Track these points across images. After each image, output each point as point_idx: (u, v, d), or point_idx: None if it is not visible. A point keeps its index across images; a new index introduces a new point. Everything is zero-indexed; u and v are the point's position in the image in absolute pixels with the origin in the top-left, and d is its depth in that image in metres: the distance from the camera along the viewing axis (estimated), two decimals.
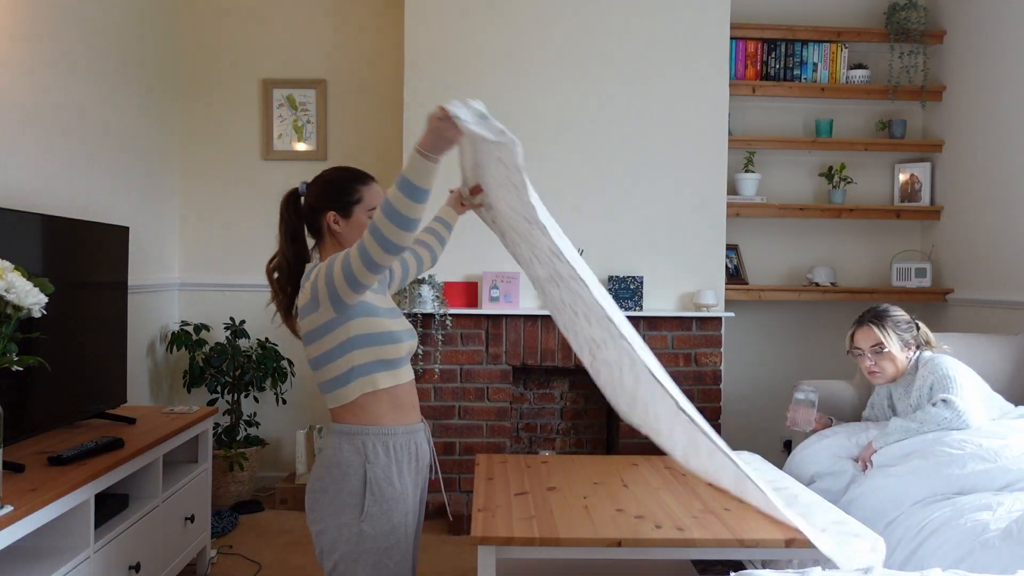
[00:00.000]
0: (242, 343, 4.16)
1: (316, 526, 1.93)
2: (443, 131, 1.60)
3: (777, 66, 4.36)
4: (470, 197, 2.19)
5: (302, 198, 2.05)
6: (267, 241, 4.61)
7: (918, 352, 2.93)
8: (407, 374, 2.02)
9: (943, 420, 2.65)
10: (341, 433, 1.93)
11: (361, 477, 1.89)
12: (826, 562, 1.94)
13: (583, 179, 4.00)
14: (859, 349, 2.96)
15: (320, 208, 2.01)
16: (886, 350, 2.88)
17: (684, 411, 1.84)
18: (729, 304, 4.13)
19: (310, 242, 2.06)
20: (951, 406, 2.67)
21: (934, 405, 2.71)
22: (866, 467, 2.77)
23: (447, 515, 3.77)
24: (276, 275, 2.04)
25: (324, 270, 1.84)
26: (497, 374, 3.94)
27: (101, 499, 2.29)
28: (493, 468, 2.82)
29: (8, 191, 2.73)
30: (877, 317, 2.94)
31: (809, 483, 2.86)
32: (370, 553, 1.86)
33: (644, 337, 3.92)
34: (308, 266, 2.00)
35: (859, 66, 4.39)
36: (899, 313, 2.96)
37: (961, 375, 2.78)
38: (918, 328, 2.97)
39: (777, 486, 2.35)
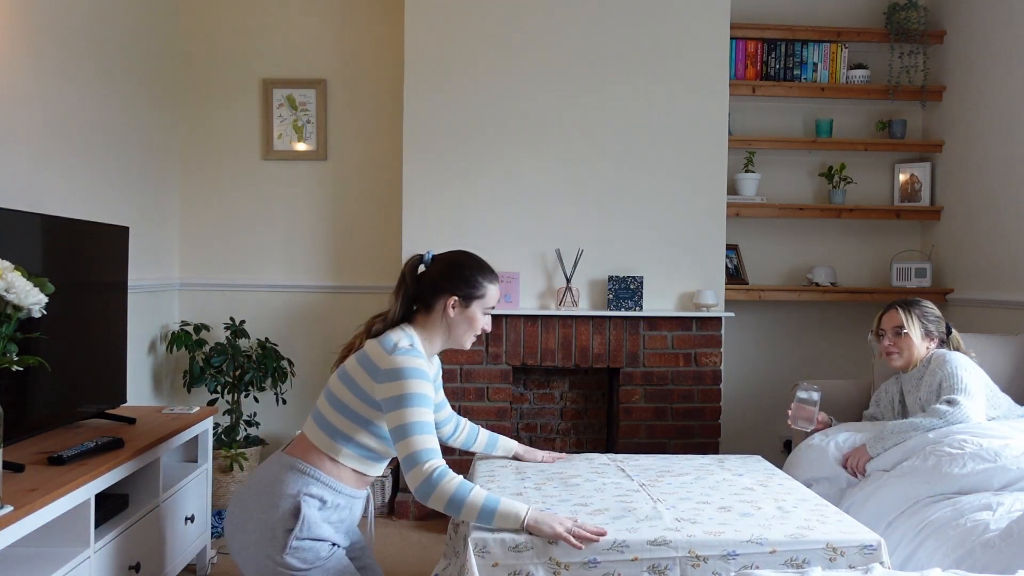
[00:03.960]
0: (242, 343, 4.16)
1: (237, 557, 1.92)
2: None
3: (777, 66, 4.36)
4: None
5: (422, 266, 2.06)
6: (267, 240, 4.62)
7: (933, 348, 2.97)
8: (386, 467, 2.10)
9: (943, 413, 2.67)
10: (291, 467, 1.93)
11: (292, 509, 1.87)
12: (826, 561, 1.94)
13: (583, 179, 4.00)
14: (882, 330, 3.04)
15: (443, 288, 2.01)
16: (904, 331, 2.95)
17: None
18: (729, 304, 4.13)
19: None
20: (954, 403, 2.69)
21: (940, 405, 2.72)
22: (856, 473, 2.77)
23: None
24: (376, 325, 2.04)
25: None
26: (497, 374, 3.94)
27: (101, 499, 2.28)
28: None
29: (8, 191, 2.73)
30: (905, 303, 3.04)
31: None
32: None
33: (644, 337, 3.95)
34: (402, 331, 1.99)
35: (859, 66, 4.39)
36: (930, 307, 3.04)
37: (969, 374, 2.79)
38: (949, 331, 3.03)
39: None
